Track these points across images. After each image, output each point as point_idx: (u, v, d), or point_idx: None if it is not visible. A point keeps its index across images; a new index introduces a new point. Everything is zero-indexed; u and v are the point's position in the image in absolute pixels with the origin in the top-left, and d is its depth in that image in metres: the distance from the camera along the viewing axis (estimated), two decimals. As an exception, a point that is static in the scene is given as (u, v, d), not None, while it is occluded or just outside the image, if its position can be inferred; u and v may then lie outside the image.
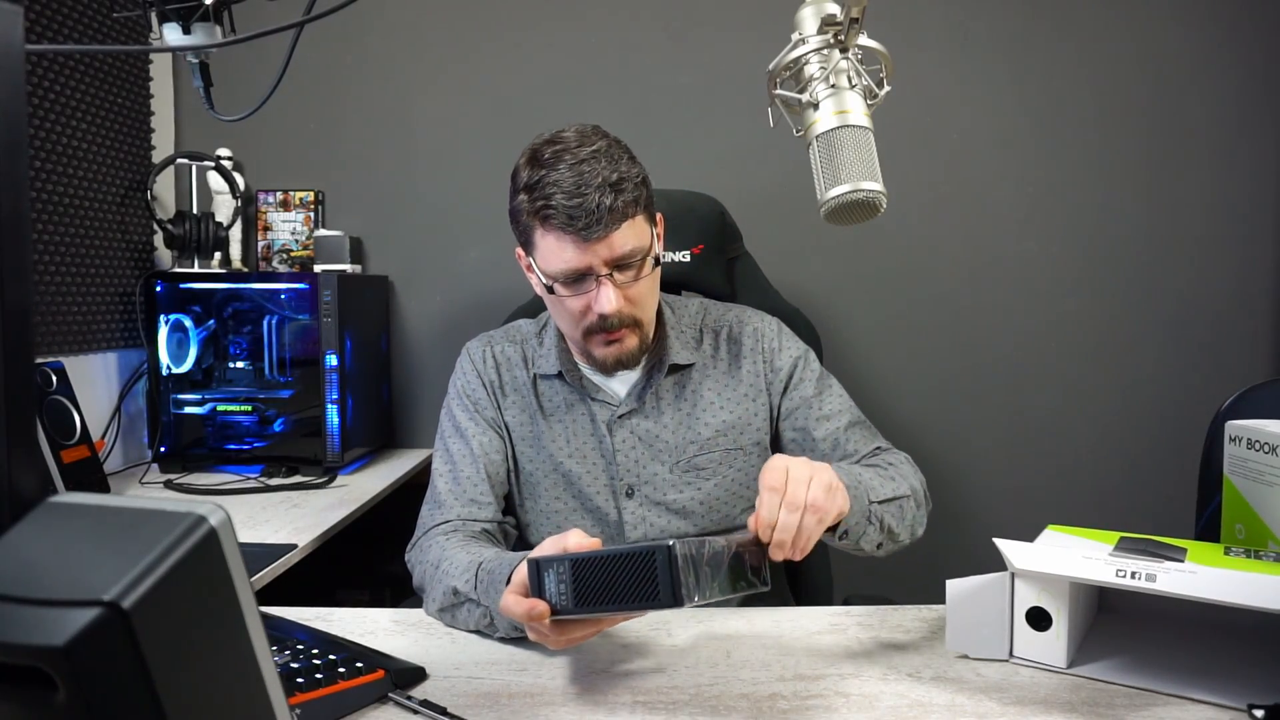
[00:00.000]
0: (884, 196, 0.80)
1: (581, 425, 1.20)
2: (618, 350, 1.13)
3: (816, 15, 0.84)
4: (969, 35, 2.10)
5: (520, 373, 1.24)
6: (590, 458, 1.19)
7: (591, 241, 1.05)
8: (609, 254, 1.06)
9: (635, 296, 1.11)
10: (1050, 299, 2.12)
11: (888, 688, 0.83)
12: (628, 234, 1.07)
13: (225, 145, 2.07)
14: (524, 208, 1.09)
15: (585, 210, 1.03)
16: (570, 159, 1.05)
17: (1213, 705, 0.78)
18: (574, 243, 1.06)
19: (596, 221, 1.03)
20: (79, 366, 1.76)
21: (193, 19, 0.91)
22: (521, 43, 2.12)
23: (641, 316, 1.13)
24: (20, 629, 0.30)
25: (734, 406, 1.21)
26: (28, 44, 0.48)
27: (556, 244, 1.07)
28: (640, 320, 1.13)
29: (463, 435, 1.20)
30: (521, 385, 1.23)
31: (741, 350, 1.24)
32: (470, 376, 1.24)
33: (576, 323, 1.13)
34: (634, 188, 1.07)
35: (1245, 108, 2.09)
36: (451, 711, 0.77)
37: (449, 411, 1.24)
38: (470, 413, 1.22)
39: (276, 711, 0.38)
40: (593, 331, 1.12)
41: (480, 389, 1.23)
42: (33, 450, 0.36)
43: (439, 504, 1.16)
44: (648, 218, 1.12)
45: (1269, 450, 0.96)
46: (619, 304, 1.09)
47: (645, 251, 1.10)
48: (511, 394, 1.23)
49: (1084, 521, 1.03)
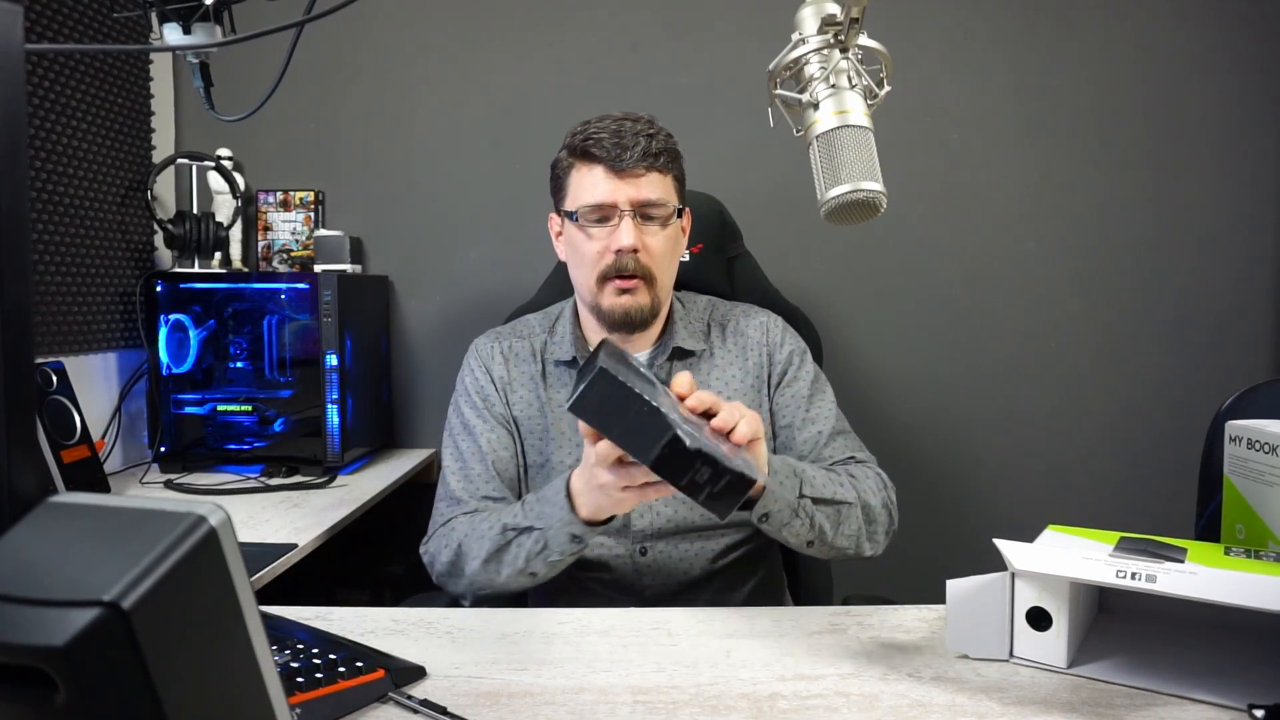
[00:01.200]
0: (884, 196, 0.80)
1: None
2: (629, 301, 1.16)
3: (816, 15, 0.84)
4: (969, 35, 2.10)
5: (530, 366, 1.25)
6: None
7: (622, 173, 1.13)
8: (635, 194, 1.13)
9: (653, 248, 1.16)
10: (1050, 299, 2.12)
11: (888, 688, 0.83)
12: (656, 183, 1.15)
13: (225, 145, 2.07)
14: (565, 150, 1.18)
15: (621, 145, 1.12)
16: (616, 115, 1.17)
17: (1213, 705, 0.78)
18: (605, 174, 1.13)
19: (630, 156, 1.12)
20: (79, 366, 1.76)
21: (193, 19, 0.91)
22: (521, 43, 2.12)
23: (656, 272, 1.17)
24: (20, 629, 0.30)
25: (739, 398, 1.23)
26: (28, 44, 0.48)
27: (589, 175, 1.14)
28: (654, 275, 1.16)
29: (471, 433, 1.22)
30: (531, 379, 1.25)
31: (747, 344, 1.26)
32: (479, 373, 1.26)
33: (594, 265, 1.16)
34: (670, 149, 1.17)
35: (1245, 108, 2.09)
36: (451, 711, 0.77)
37: (457, 409, 1.26)
38: (479, 410, 1.24)
39: (276, 711, 0.38)
40: (608, 277, 1.15)
41: (489, 385, 1.25)
42: (33, 450, 0.36)
43: (454, 499, 1.19)
44: (677, 190, 1.19)
45: (1269, 450, 0.96)
46: (636, 240, 1.13)
47: (670, 208, 1.16)
48: (520, 389, 1.25)
49: (1084, 521, 1.02)
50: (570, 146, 1.17)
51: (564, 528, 1.01)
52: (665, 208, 1.16)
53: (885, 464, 1.27)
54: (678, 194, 1.20)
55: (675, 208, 1.18)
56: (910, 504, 2.07)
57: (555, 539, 1.02)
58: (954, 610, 0.89)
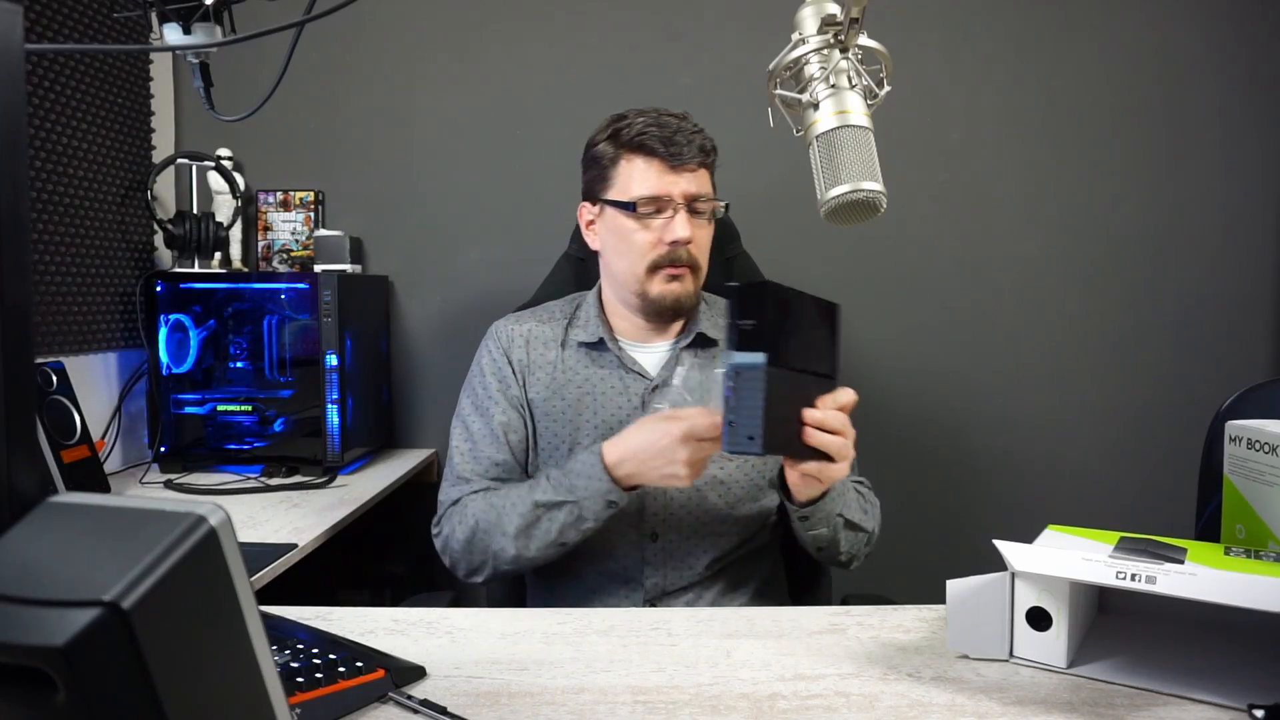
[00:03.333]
0: (884, 196, 0.80)
1: (613, 398, 1.24)
2: (679, 288, 1.21)
3: (816, 15, 0.84)
4: (969, 35, 2.10)
5: (553, 351, 1.27)
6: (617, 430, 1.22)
7: (677, 169, 1.17)
8: (689, 188, 1.18)
9: (700, 241, 1.21)
10: (1050, 298, 2.12)
11: (888, 688, 0.83)
12: (704, 177, 1.21)
13: (225, 145, 2.07)
14: (608, 143, 1.20)
15: (676, 141, 1.17)
16: (656, 113, 1.20)
17: (1213, 705, 0.78)
18: (660, 168, 1.17)
19: (684, 150, 1.17)
20: (79, 366, 1.76)
21: (193, 19, 0.91)
22: (521, 43, 2.12)
23: (700, 263, 1.22)
24: (20, 629, 0.30)
25: None
26: (28, 44, 0.48)
27: (644, 167, 1.18)
28: (699, 267, 1.22)
29: (485, 414, 1.25)
30: (551, 362, 1.27)
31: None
32: (497, 355, 1.28)
33: (644, 255, 1.20)
34: (714, 150, 1.22)
35: (1245, 108, 2.09)
36: (451, 711, 0.77)
37: (470, 389, 1.28)
38: (493, 391, 1.26)
39: (276, 711, 0.38)
40: (659, 266, 1.19)
41: (506, 367, 1.27)
42: (33, 450, 0.36)
43: (461, 479, 1.22)
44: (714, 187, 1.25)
45: (1269, 450, 0.96)
46: (691, 232, 1.17)
47: (713, 203, 1.22)
48: (539, 371, 1.26)
49: (1084, 521, 1.02)
50: (618, 138, 1.20)
51: (601, 496, 1.09)
52: (712, 202, 1.22)
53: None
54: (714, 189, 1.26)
55: (721, 204, 1.23)
56: (910, 504, 2.08)
57: (591, 507, 1.10)
58: (954, 610, 0.89)
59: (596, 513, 1.10)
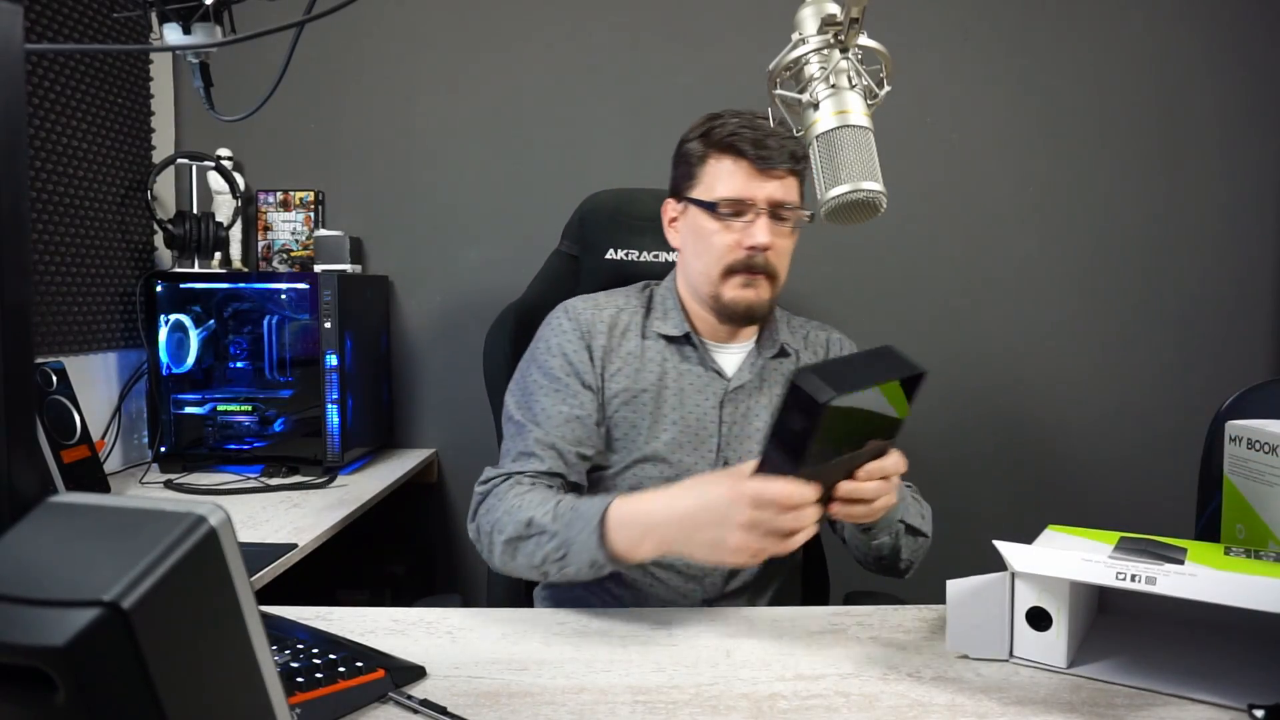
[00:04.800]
0: (884, 196, 0.80)
1: (691, 395, 1.23)
2: (753, 294, 1.18)
3: (816, 15, 0.83)
4: (969, 35, 2.10)
5: (634, 340, 1.24)
6: (694, 427, 1.22)
7: (764, 172, 1.15)
8: (778, 193, 1.16)
9: (781, 248, 1.18)
10: (1050, 299, 2.12)
11: (888, 688, 0.83)
12: (792, 185, 1.18)
13: (225, 145, 2.07)
14: (699, 141, 1.18)
15: (767, 145, 1.14)
16: (751, 115, 1.18)
17: (1213, 705, 0.78)
18: (748, 171, 1.15)
19: (774, 155, 1.14)
20: (79, 366, 1.76)
21: (193, 19, 0.91)
22: (522, 43, 2.12)
23: (779, 271, 1.20)
24: (20, 629, 0.30)
25: None
26: (28, 44, 0.48)
27: (732, 168, 1.16)
28: (776, 275, 1.19)
29: (552, 395, 1.19)
30: (630, 351, 1.24)
31: (828, 353, 1.31)
32: (572, 338, 1.23)
33: (721, 258, 1.18)
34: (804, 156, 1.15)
35: (1245, 108, 2.09)
36: (451, 711, 0.77)
37: (539, 368, 1.21)
38: (564, 374, 1.20)
39: (276, 711, 0.38)
40: (735, 270, 1.17)
41: (583, 351, 1.22)
42: (33, 450, 0.36)
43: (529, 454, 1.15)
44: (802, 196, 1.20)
45: (1269, 450, 0.96)
46: (771, 239, 1.15)
47: (801, 212, 1.19)
48: (618, 360, 1.23)
49: (1084, 521, 1.02)
50: (708, 137, 1.18)
51: (585, 552, 0.99)
52: (798, 210, 1.19)
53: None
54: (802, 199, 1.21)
55: (806, 214, 1.19)
56: (910, 504, 2.07)
57: (575, 556, 1.00)
58: (954, 610, 0.89)
59: (578, 566, 1.00)
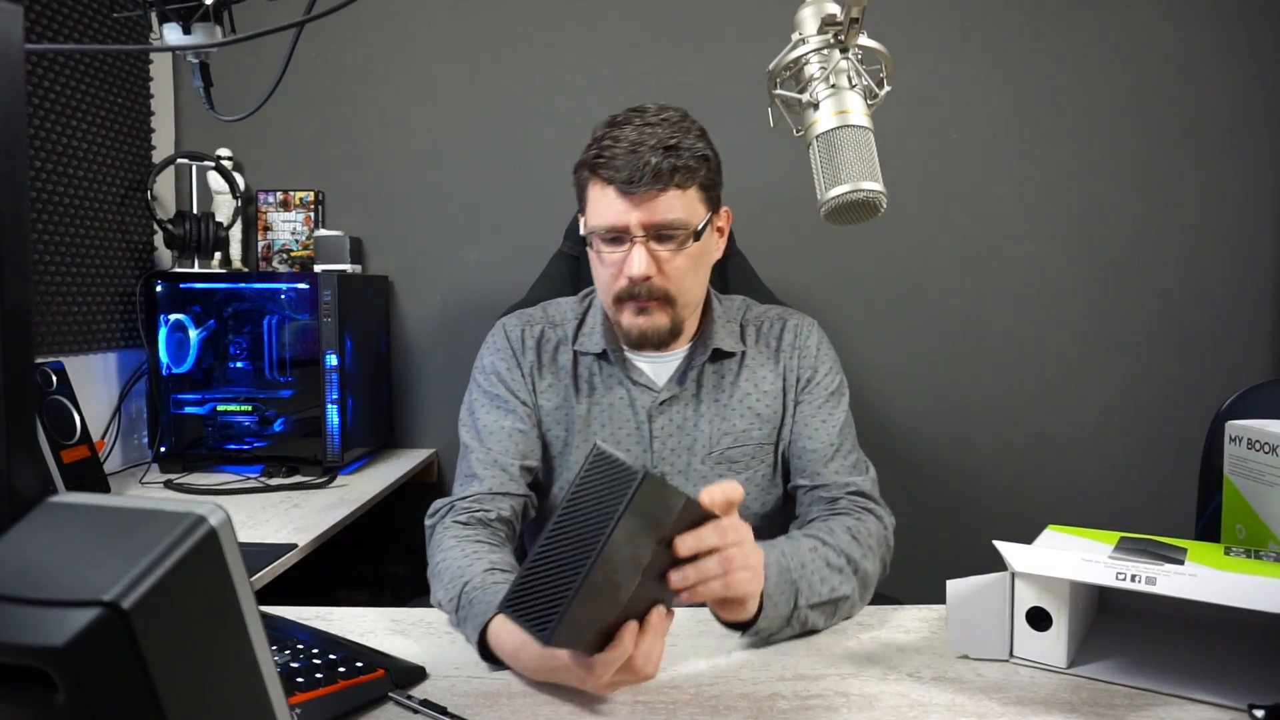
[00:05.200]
0: (884, 196, 0.80)
1: (620, 410, 1.19)
2: (645, 322, 1.12)
3: (816, 15, 0.83)
4: (969, 35, 2.10)
5: (563, 354, 1.21)
6: (626, 443, 1.19)
7: (632, 198, 1.07)
8: (648, 217, 1.07)
9: (671, 271, 1.10)
10: (1050, 299, 2.12)
11: (888, 688, 0.83)
12: (673, 202, 1.08)
13: (225, 145, 2.07)
14: (584, 158, 1.12)
15: (632, 165, 1.05)
16: (639, 120, 1.09)
17: (1213, 705, 0.78)
18: (616, 195, 1.07)
19: (640, 178, 1.05)
20: (79, 366, 1.76)
21: (193, 19, 0.91)
22: (521, 43, 2.12)
23: (674, 293, 1.12)
24: (20, 629, 0.30)
25: (770, 400, 1.21)
26: (28, 44, 0.48)
27: (602, 194, 1.09)
28: (673, 297, 1.12)
29: (492, 411, 1.18)
30: (562, 367, 1.21)
31: (780, 345, 1.23)
32: (505, 356, 1.21)
33: (608, 288, 1.13)
34: (692, 160, 1.08)
35: (1245, 107, 2.09)
36: (451, 711, 0.77)
37: (479, 386, 1.21)
38: (500, 391, 1.19)
39: (276, 711, 0.38)
40: (623, 298, 1.12)
41: (515, 369, 1.20)
42: (33, 450, 0.36)
43: (472, 476, 1.13)
44: (704, 199, 1.12)
45: (1269, 450, 0.96)
46: (647, 269, 1.08)
47: (689, 227, 1.09)
48: (549, 376, 1.21)
49: (1084, 521, 1.02)
50: (586, 159, 1.11)
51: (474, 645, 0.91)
52: (683, 228, 1.09)
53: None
54: (705, 202, 1.12)
55: (696, 227, 1.10)
56: (910, 504, 2.07)
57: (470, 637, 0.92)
58: (954, 610, 0.89)
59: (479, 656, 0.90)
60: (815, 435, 1.18)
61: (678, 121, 1.10)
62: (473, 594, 0.93)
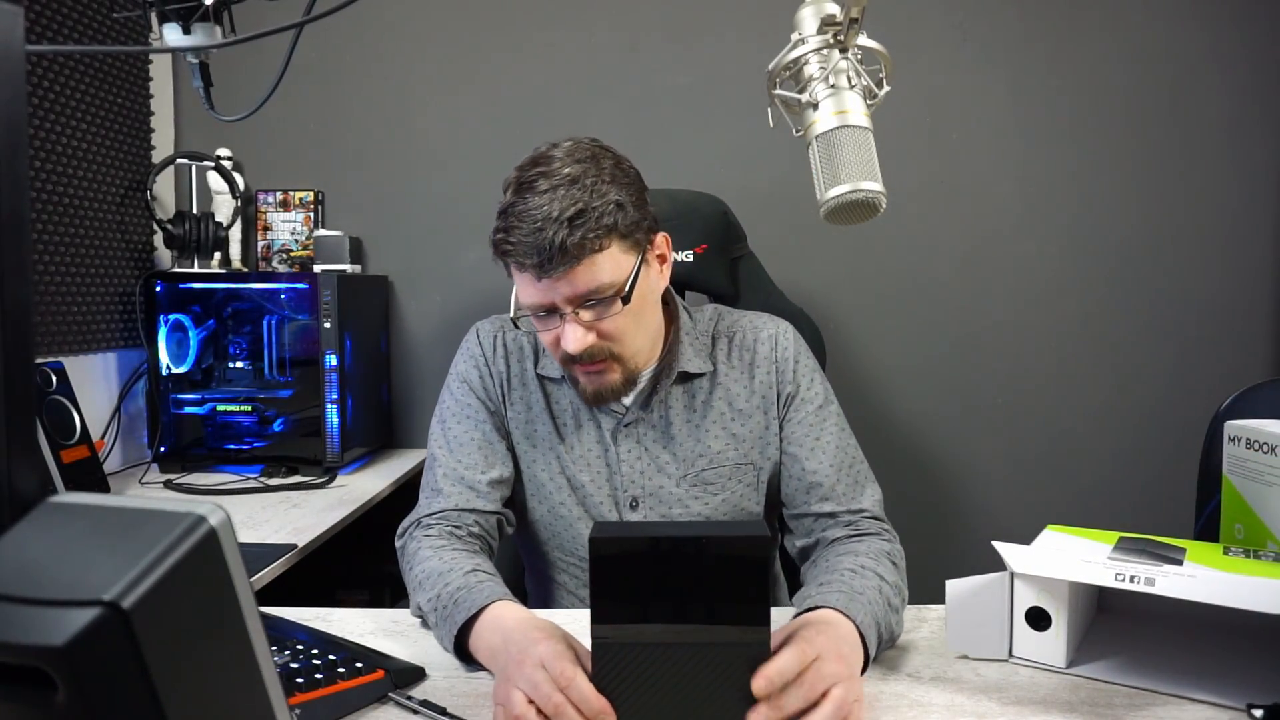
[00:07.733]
0: (883, 196, 0.80)
1: (587, 431, 1.16)
2: (597, 383, 1.08)
3: (816, 15, 0.83)
4: (969, 35, 2.10)
5: (530, 365, 1.18)
6: (594, 465, 1.15)
7: (550, 279, 1.00)
8: (570, 291, 1.01)
9: (610, 331, 1.05)
10: (1050, 298, 2.12)
11: (888, 688, 0.83)
12: (591, 270, 1.00)
13: (225, 145, 2.07)
14: (493, 239, 1.05)
15: (538, 248, 0.98)
16: (544, 185, 1.00)
17: (1212, 705, 0.79)
18: (533, 279, 1.01)
19: (549, 260, 0.98)
20: (79, 366, 1.76)
21: (193, 19, 0.91)
22: (522, 42, 2.12)
23: (622, 350, 1.07)
24: (20, 629, 0.30)
25: (745, 419, 1.15)
26: (28, 44, 0.48)
27: (520, 276, 1.03)
28: (620, 354, 1.07)
29: (463, 421, 1.16)
30: (531, 379, 1.18)
31: (755, 358, 1.17)
32: (479, 363, 1.18)
33: (554, 354, 1.10)
34: (601, 219, 0.99)
35: (1245, 107, 2.09)
36: (451, 711, 0.77)
37: (451, 394, 1.18)
38: (471, 400, 1.17)
39: (276, 711, 0.38)
40: (569, 362, 1.08)
41: (487, 378, 1.17)
42: (33, 450, 0.36)
43: (436, 491, 1.12)
44: (628, 246, 1.03)
45: (1268, 450, 0.96)
46: (584, 342, 1.03)
47: (616, 286, 1.02)
48: (519, 388, 1.18)
49: (1084, 521, 1.03)
50: (495, 241, 1.04)
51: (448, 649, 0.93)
52: (611, 288, 1.02)
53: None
54: (630, 248, 1.03)
55: (624, 282, 1.03)
56: (910, 504, 2.08)
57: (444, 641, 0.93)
58: (954, 610, 0.89)
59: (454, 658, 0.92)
60: (813, 456, 1.13)
61: (580, 176, 1.01)
62: (457, 593, 0.93)
